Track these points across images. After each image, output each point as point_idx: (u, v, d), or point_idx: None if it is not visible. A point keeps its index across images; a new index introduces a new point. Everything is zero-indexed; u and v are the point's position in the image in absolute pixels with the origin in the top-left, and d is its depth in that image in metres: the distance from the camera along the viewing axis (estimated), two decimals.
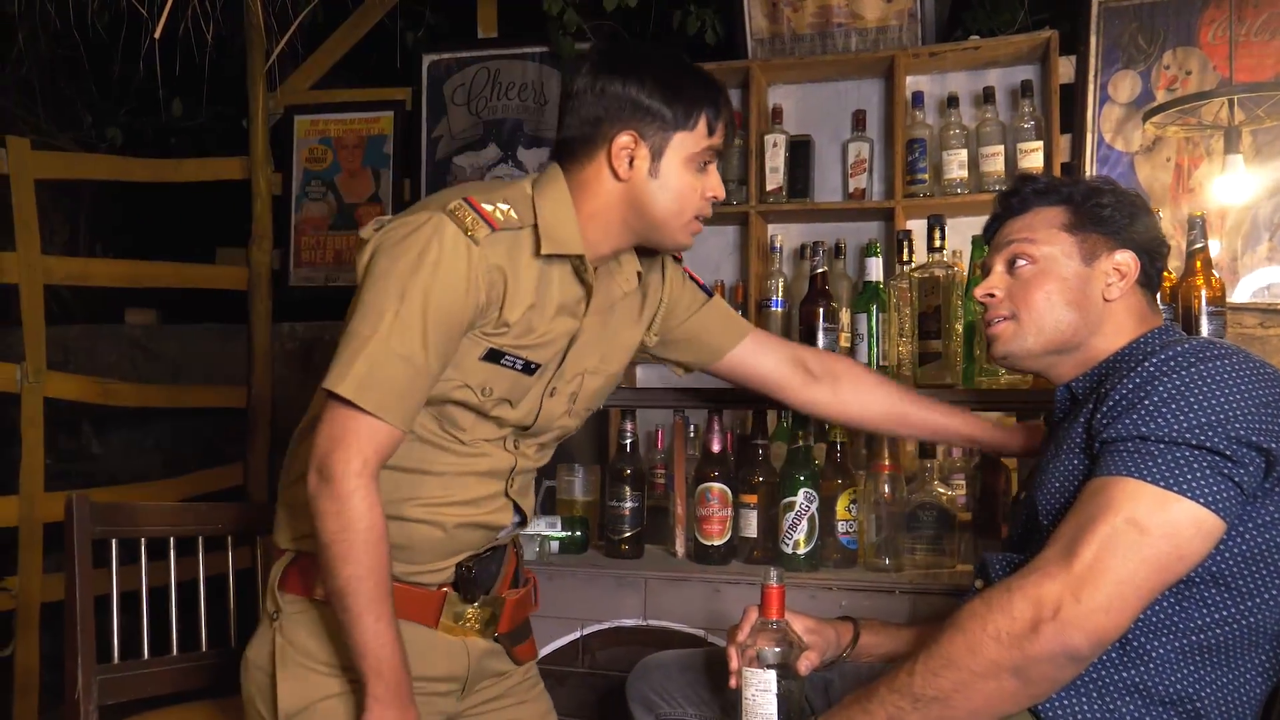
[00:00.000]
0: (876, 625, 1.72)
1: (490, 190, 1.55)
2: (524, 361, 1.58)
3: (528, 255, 1.54)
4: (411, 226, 1.47)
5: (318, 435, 1.46)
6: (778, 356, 1.90)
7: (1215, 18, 3.26)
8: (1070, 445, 1.44)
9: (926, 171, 3.30)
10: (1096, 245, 1.55)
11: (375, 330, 1.43)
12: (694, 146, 1.55)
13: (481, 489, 1.63)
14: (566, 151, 1.59)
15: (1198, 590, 1.32)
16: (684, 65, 1.60)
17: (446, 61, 3.88)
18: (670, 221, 1.59)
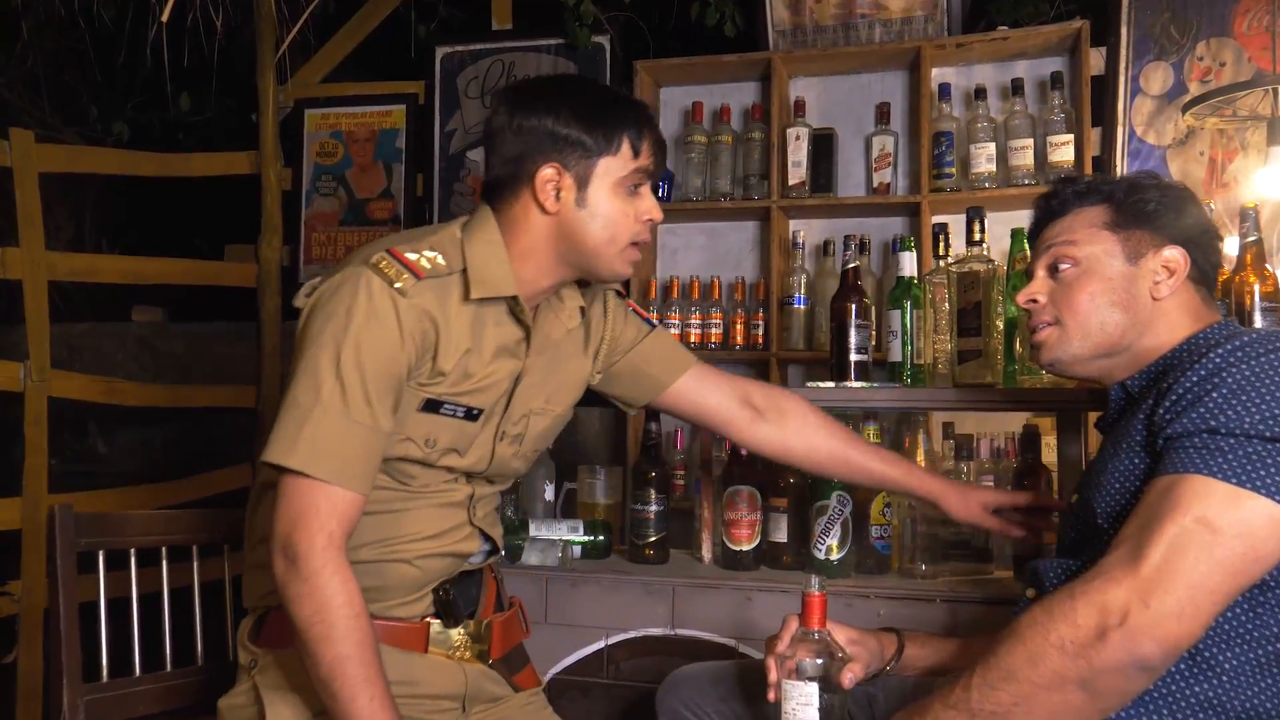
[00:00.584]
0: (921, 637, 1.64)
1: (415, 239, 1.51)
2: (465, 408, 1.54)
3: (458, 301, 1.50)
4: (336, 286, 1.44)
5: (276, 514, 1.40)
6: (724, 392, 1.85)
7: (1250, 7, 3.17)
8: (1129, 444, 1.36)
9: (954, 165, 3.21)
10: (1141, 242, 1.48)
11: (317, 396, 1.39)
12: (620, 171, 1.51)
13: (444, 521, 1.60)
14: (494, 192, 1.56)
15: (1273, 595, 1.24)
16: (600, 90, 1.58)
17: (460, 54, 3.80)
18: (604, 250, 1.54)
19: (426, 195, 3.80)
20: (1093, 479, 1.41)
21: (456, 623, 1.62)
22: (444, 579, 1.62)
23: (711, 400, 1.84)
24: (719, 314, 3.37)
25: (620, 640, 2.02)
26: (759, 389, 1.88)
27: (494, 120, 1.55)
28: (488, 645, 1.65)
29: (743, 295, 3.40)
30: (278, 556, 1.39)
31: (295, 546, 1.37)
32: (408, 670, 1.55)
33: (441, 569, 1.61)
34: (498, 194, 1.56)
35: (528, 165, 1.51)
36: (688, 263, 3.53)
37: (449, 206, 3.78)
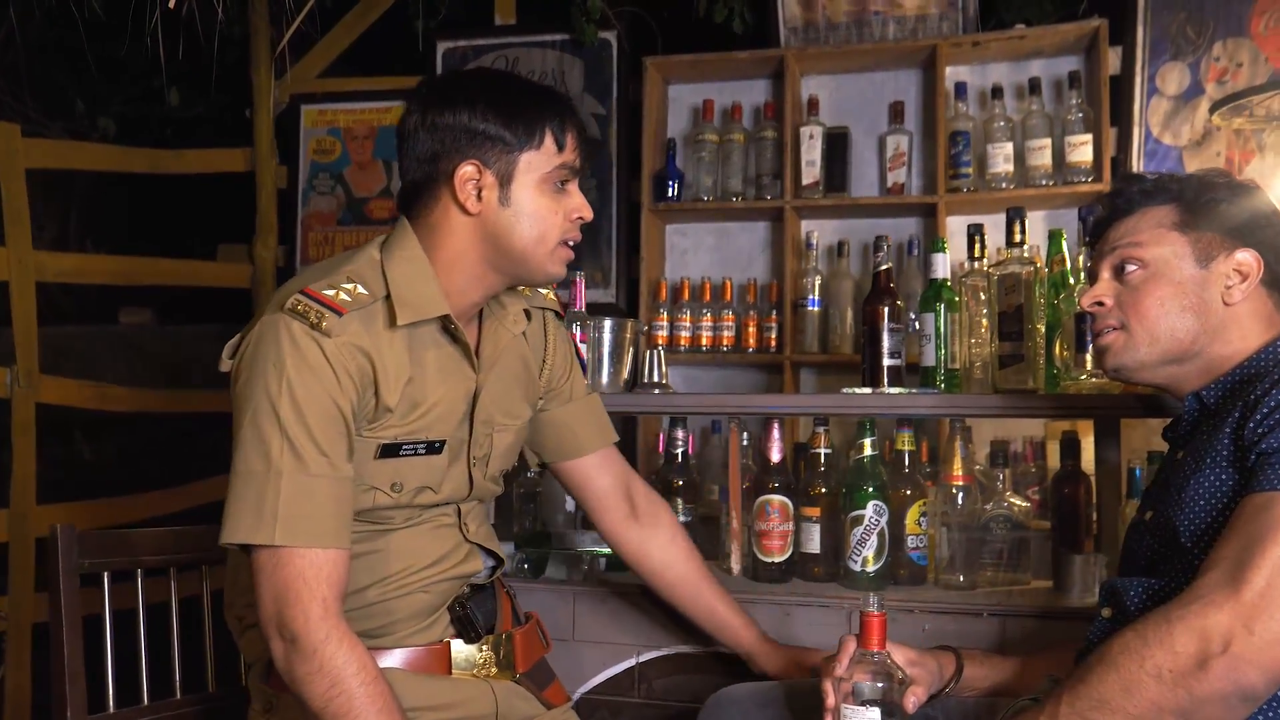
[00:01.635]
0: (979, 655, 1.57)
1: (330, 271, 1.41)
2: (424, 443, 1.46)
3: (387, 328, 1.41)
4: (256, 341, 1.36)
5: (260, 595, 1.32)
6: (615, 478, 1.78)
7: (1267, 8, 3.14)
8: (1214, 459, 1.30)
9: (970, 165, 3.16)
10: (1212, 245, 1.41)
11: (268, 461, 1.31)
12: (544, 166, 1.44)
13: (440, 546, 1.53)
14: (410, 199, 1.47)
15: None
16: (518, 82, 1.50)
17: (462, 49, 3.71)
18: (534, 251, 1.46)
19: None
20: (1171, 495, 1.35)
21: (478, 638, 1.55)
22: (455, 597, 1.56)
23: (604, 482, 1.77)
24: (731, 316, 3.31)
25: (652, 658, 1.94)
26: (643, 488, 1.81)
27: (406, 121, 1.45)
28: (512, 660, 1.58)
29: (754, 297, 3.33)
30: (274, 640, 1.31)
31: (290, 625, 1.30)
32: (436, 694, 1.49)
33: (450, 590, 1.55)
34: (415, 200, 1.47)
35: (444, 164, 1.42)
36: (698, 263, 3.46)
37: None
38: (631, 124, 3.51)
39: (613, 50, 3.60)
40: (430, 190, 1.45)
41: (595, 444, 1.76)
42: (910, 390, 2.03)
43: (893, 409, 2.02)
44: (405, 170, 1.46)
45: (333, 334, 1.35)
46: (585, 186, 1.54)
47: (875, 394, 2.02)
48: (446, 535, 1.54)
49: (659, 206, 3.38)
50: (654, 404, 2.16)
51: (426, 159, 1.43)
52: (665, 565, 1.78)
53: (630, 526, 1.78)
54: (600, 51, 3.61)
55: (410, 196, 1.47)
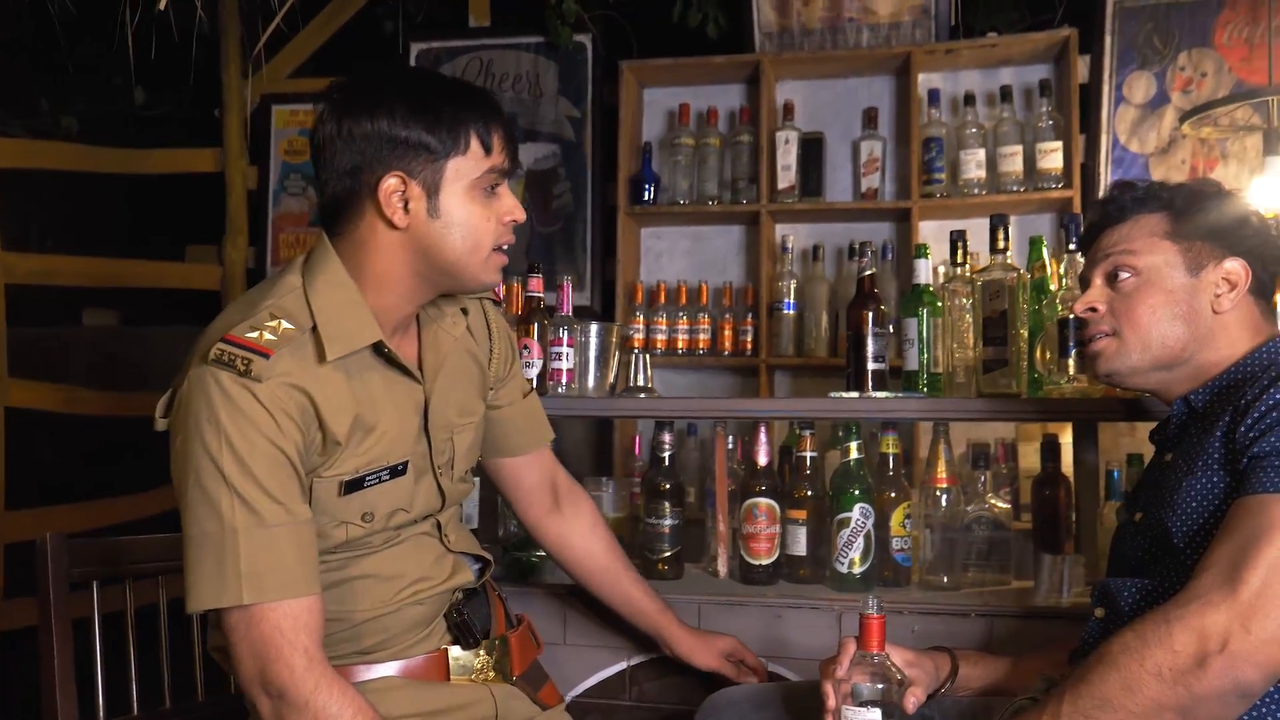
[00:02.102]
0: (973, 655, 1.60)
1: (248, 308, 1.33)
2: (388, 469, 1.41)
3: (322, 361, 1.33)
4: (186, 398, 1.29)
5: (237, 656, 1.28)
6: (544, 474, 1.77)
7: (1230, 19, 3.22)
8: (1205, 462, 1.33)
9: (944, 171, 3.21)
10: (1202, 254, 1.44)
11: (221, 521, 1.26)
12: (473, 171, 1.35)
13: (423, 560, 1.50)
14: (331, 215, 1.38)
15: None
16: (436, 81, 1.41)
17: (436, 50, 3.70)
18: (468, 261, 1.38)
19: None
20: (1164, 497, 1.38)
21: (475, 643, 1.54)
22: (451, 604, 1.55)
23: (533, 479, 1.76)
24: (706, 319, 3.33)
25: (643, 661, 1.95)
26: (565, 480, 1.81)
27: (320, 130, 1.35)
28: (508, 663, 1.57)
29: (730, 300, 3.36)
30: (260, 698, 1.27)
31: (276, 681, 1.25)
32: (435, 700, 1.48)
33: (444, 599, 1.53)
34: (336, 216, 1.37)
35: (366, 177, 1.33)
36: (673, 267, 3.48)
37: None
38: (606, 127, 3.52)
39: (587, 53, 3.61)
40: (352, 205, 1.36)
41: (532, 444, 1.75)
42: (897, 394, 2.06)
43: (881, 413, 2.05)
44: (324, 184, 1.37)
45: (263, 378, 1.27)
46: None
47: (863, 398, 2.05)
48: (428, 548, 1.51)
49: (635, 210, 3.39)
50: (643, 408, 2.17)
51: (346, 172, 1.34)
52: (588, 554, 1.79)
53: (553, 518, 1.78)
54: (575, 54, 3.62)
55: (331, 211, 1.38)
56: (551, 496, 1.79)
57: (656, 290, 3.39)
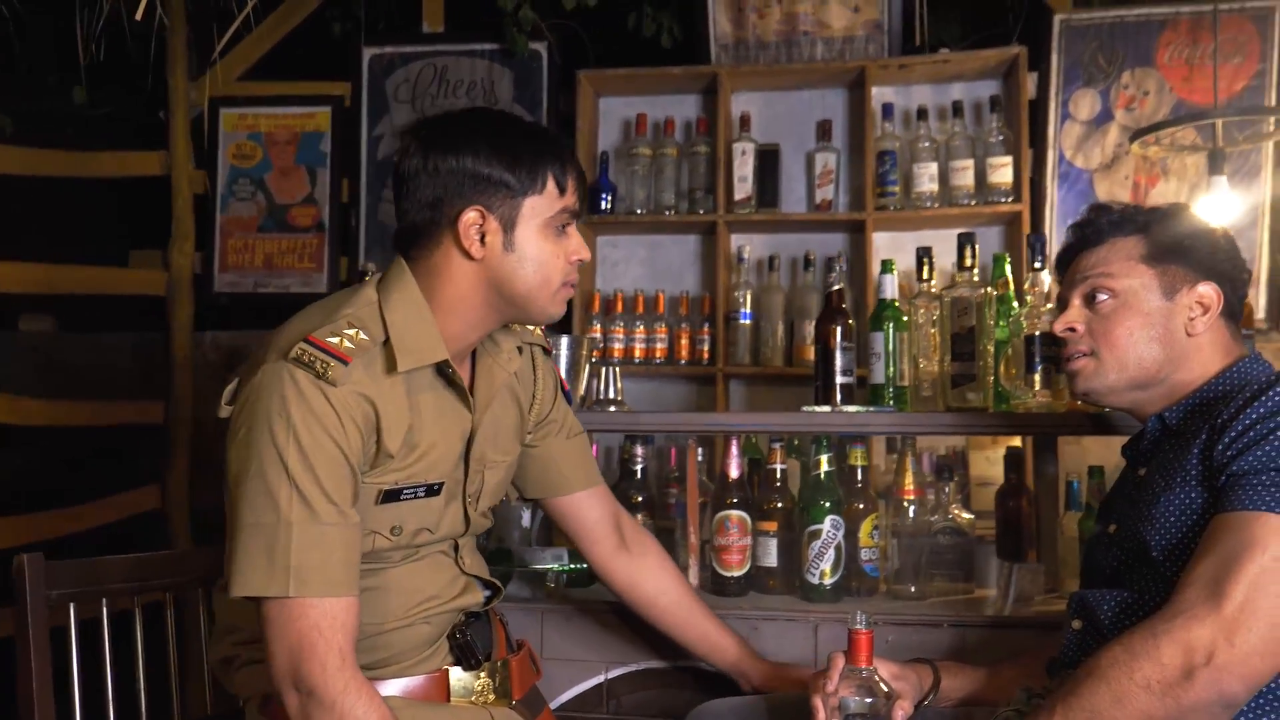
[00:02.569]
0: (953, 667, 1.64)
1: (330, 314, 1.40)
2: (424, 487, 1.46)
3: (386, 373, 1.40)
4: (259, 388, 1.34)
5: (272, 648, 1.30)
6: (604, 511, 1.79)
7: (1171, 40, 3.32)
8: (1183, 478, 1.38)
9: (897, 184, 3.26)
10: (1177, 277, 1.50)
11: (278, 513, 1.30)
12: (548, 210, 1.43)
13: (438, 578, 1.53)
14: (409, 240, 1.45)
15: None
16: (517, 124, 1.49)
17: (389, 56, 3.67)
18: (537, 294, 1.46)
19: (353, 201, 3.66)
20: (1141, 511, 1.42)
21: (477, 665, 1.56)
22: (454, 625, 1.57)
23: (592, 516, 1.78)
24: (663, 328, 3.34)
25: (621, 674, 1.96)
26: (629, 521, 1.84)
27: (406, 162, 1.43)
28: (508, 687, 1.59)
29: (686, 309, 3.38)
30: (289, 694, 1.29)
31: (308, 679, 1.28)
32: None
33: (449, 620, 1.56)
34: (414, 242, 1.45)
35: (447, 209, 1.40)
36: (629, 276, 3.49)
37: (377, 214, 3.64)
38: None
39: (543, 61, 3.61)
40: (431, 234, 1.43)
41: (582, 484, 1.76)
42: (870, 409, 2.09)
43: (854, 427, 2.08)
44: (405, 212, 1.44)
45: (339, 383, 1.33)
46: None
47: (836, 412, 2.08)
48: (444, 568, 1.55)
49: (592, 219, 3.40)
50: (617, 422, 2.18)
51: (429, 203, 1.41)
52: (659, 591, 1.80)
53: (620, 557, 1.79)
54: (530, 62, 3.61)
55: (409, 238, 1.45)
56: (617, 535, 1.79)
57: (613, 299, 3.40)
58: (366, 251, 3.63)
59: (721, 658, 1.82)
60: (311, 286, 3.63)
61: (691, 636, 1.82)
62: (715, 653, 1.82)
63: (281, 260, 3.66)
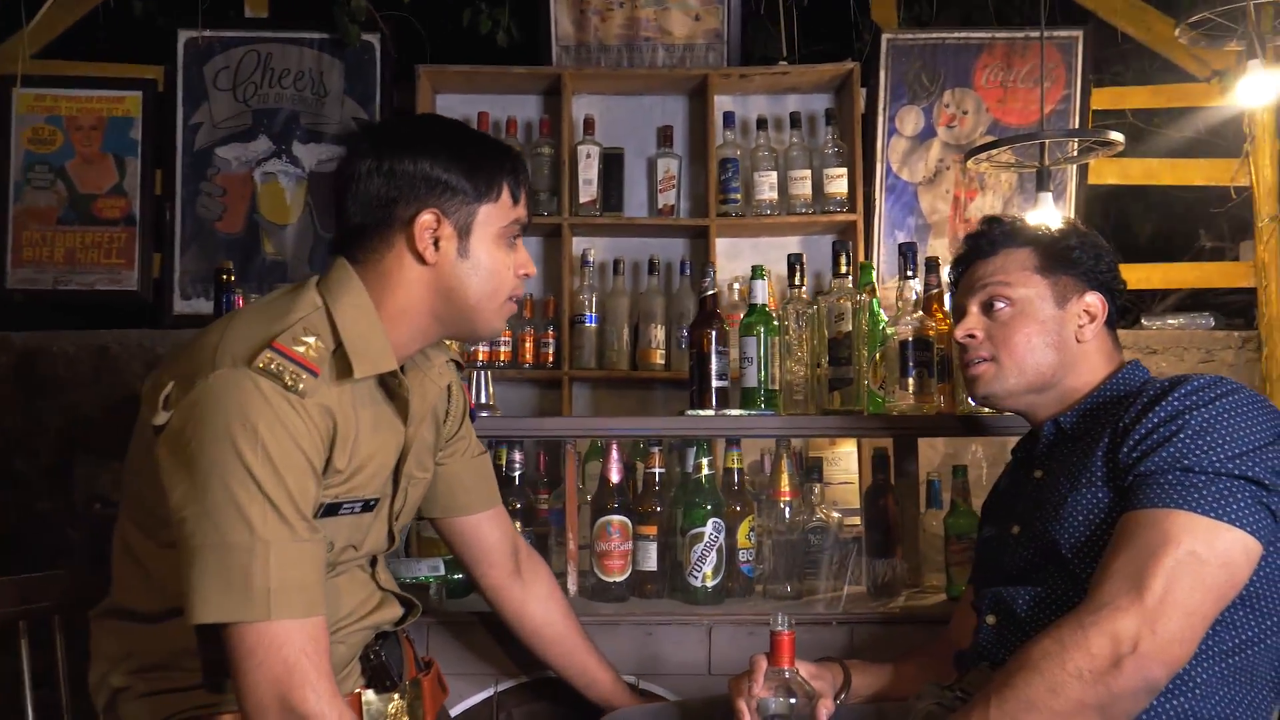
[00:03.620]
0: (861, 665, 1.67)
1: (281, 318, 1.31)
2: (360, 502, 1.41)
3: (337, 383, 1.33)
4: (214, 399, 1.23)
5: (250, 681, 1.20)
6: (503, 534, 1.75)
7: (988, 63, 3.54)
8: (1090, 480, 1.45)
9: (739, 191, 3.33)
10: (1067, 287, 1.59)
11: (252, 531, 1.21)
12: (502, 220, 1.41)
13: (354, 596, 1.46)
14: (355, 242, 1.39)
15: (1229, 614, 1.37)
16: (472, 133, 1.48)
17: (208, 40, 3.43)
18: (485, 306, 1.42)
19: (167, 193, 3.41)
20: (1046, 511, 1.49)
21: (392, 687, 1.48)
22: (366, 646, 1.49)
23: (492, 539, 1.73)
24: (507, 331, 3.28)
25: (511, 686, 1.90)
26: (525, 546, 1.81)
27: (355, 163, 1.37)
28: (420, 708, 1.52)
29: (531, 313, 3.32)
30: None
31: (300, 707, 1.19)
32: None
33: (362, 640, 1.49)
34: (360, 244, 1.39)
35: (401, 210, 1.36)
36: None
37: (194, 207, 3.41)
38: None
39: (376, 54, 3.48)
40: (381, 236, 1.37)
41: (482, 505, 1.71)
42: (750, 412, 2.12)
43: (738, 430, 2.10)
44: (350, 213, 1.37)
45: (307, 394, 1.26)
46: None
47: (719, 416, 2.09)
48: (361, 584, 1.47)
49: None
50: (495, 428, 2.11)
51: (380, 203, 1.35)
52: (546, 621, 1.76)
53: (514, 584, 1.74)
54: (363, 54, 3.47)
55: (354, 239, 1.38)
56: (513, 561, 1.73)
57: None
58: (183, 248, 3.39)
59: (597, 691, 1.79)
60: (121, 284, 3.36)
61: (572, 668, 1.79)
62: (592, 686, 1.79)
63: (86, 255, 3.36)
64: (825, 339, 2.16)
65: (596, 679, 1.78)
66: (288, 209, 3.45)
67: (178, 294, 3.38)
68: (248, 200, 3.44)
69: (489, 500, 1.72)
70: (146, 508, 1.33)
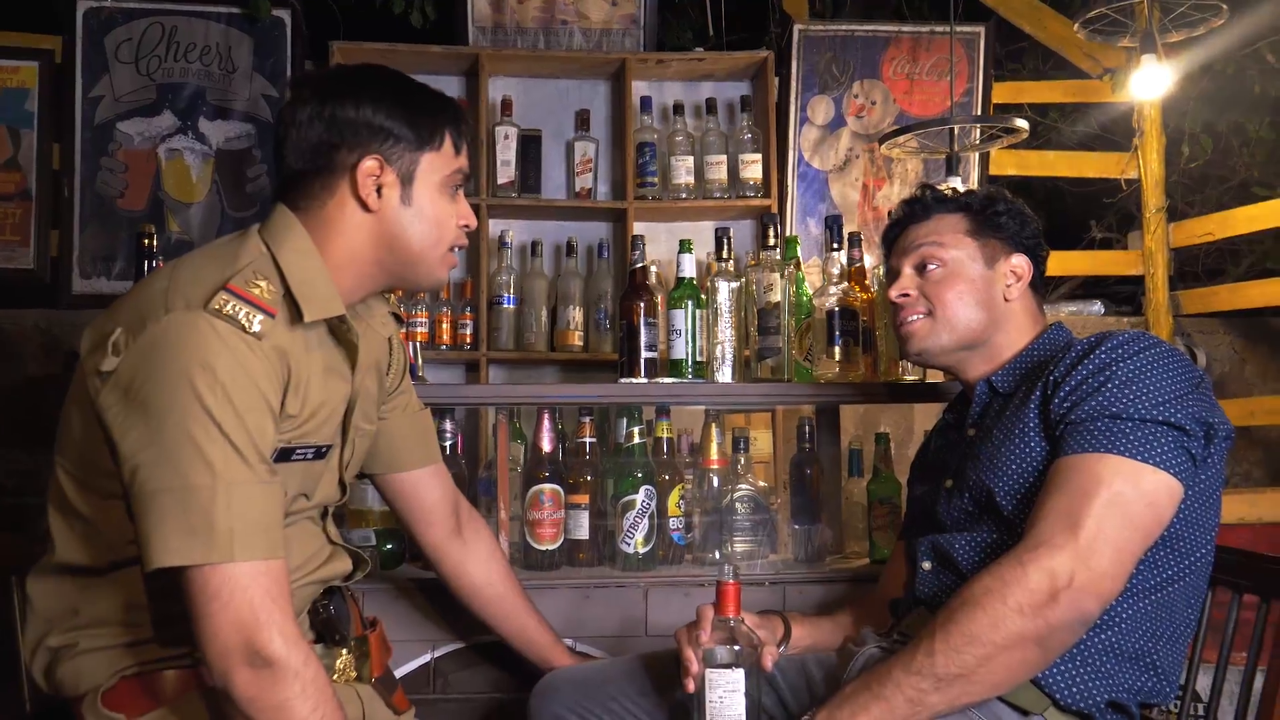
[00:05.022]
0: (799, 617, 1.72)
1: (231, 262, 1.29)
2: (313, 448, 1.39)
3: (289, 328, 1.32)
4: (169, 342, 1.21)
5: (212, 625, 1.17)
6: (444, 492, 1.73)
7: (895, 55, 3.65)
8: (1022, 432, 1.51)
9: (656, 175, 3.36)
10: (995, 250, 1.66)
11: (213, 470, 1.19)
12: (444, 169, 1.40)
13: (304, 548, 1.44)
14: (295, 188, 1.38)
15: (1152, 554, 1.45)
16: (415, 83, 1.46)
17: (109, 11, 3.32)
18: (429, 254, 1.41)
19: (66, 168, 3.29)
20: (982, 464, 1.55)
21: (341, 642, 1.46)
22: (315, 601, 1.47)
23: (433, 496, 1.71)
24: (424, 312, 3.24)
25: (448, 652, 1.89)
26: (467, 505, 1.79)
27: (294, 110, 1.36)
28: (367, 665, 1.50)
29: (448, 294, 3.30)
30: (237, 670, 1.17)
31: (267, 649, 1.17)
32: None
33: (311, 594, 1.46)
34: (301, 191, 1.37)
35: (343, 156, 1.34)
36: None
37: (94, 183, 3.29)
38: None
39: (286, 29, 3.41)
40: (323, 182, 1.36)
41: (420, 461, 1.69)
42: (683, 379, 2.15)
43: (669, 398, 2.13)
44: (290, 159, 1.36)
45: (264, 336, 1.24)
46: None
47: (652, 383, 2.12)
48: (312, 536, 1.45)
49: None
50: (429, 395, 2.10)
51: (321, 149, 1.34)
52: (486, 583, 1.75)
53: (454, 543, 1.72)
54: (273, 30, 3.40)
55: (295, 186, 1.37)
56: (454, 519, 1.72)
57: None
58: (83, 225, 3.27)
59: (536, 652, 1.80)
60: (15, 262, 3.23)
61: (511, 629, 1.79)
62: (530, 646, 1.79)
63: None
64: (754, 310, 2.20)
65: (535, 640, 1.78)
66: (194, 187, 3.36)
67: (77, 273, 3.27)
68: (151, 177, 3.34)
69: (429, 456, 1.70)
70: (87, 461, 1.29)
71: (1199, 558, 1.48)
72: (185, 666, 1.30)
